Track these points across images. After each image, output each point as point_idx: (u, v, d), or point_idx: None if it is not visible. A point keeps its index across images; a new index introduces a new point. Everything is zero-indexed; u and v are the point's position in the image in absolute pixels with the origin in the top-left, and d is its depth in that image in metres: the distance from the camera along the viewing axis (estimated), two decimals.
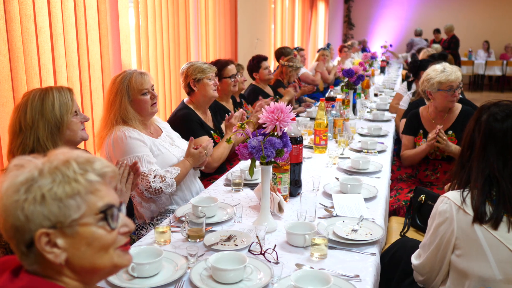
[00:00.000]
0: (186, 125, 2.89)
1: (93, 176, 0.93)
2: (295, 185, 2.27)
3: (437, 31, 12.09)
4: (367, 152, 3.08)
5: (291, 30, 8.69)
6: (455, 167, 1.64)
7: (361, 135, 3.62)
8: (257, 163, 1.82)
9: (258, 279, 1.50)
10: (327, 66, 7.72)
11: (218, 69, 3.16)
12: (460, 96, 3.00)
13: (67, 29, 2.66)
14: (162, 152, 2.40)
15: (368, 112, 4.55)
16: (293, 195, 2.25)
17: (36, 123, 1.80)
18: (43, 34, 2.47)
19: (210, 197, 2.14)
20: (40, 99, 1.82)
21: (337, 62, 8.81)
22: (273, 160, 1.79)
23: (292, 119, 1.75)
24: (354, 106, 4.33)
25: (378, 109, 4.78)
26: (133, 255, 1.13)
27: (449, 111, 3.00)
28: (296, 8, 9.05)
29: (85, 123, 2.00)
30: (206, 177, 2.96)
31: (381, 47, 12.21)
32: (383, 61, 9.21)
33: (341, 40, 14.65)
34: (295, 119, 1.81)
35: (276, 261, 1.61)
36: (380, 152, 3.10)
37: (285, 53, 5.69)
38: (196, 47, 4.57)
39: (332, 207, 2.13)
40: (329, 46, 9.24)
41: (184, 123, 2.90)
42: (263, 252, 1.64)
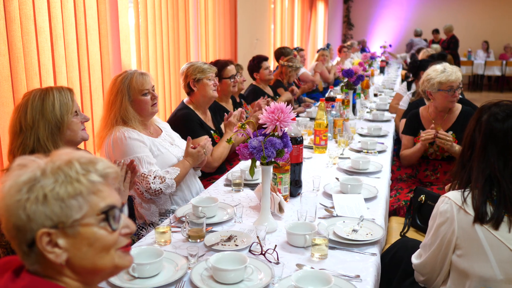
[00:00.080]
0: (186, 125, 2.89)
1: (96, 176, 0.94)
2: (295, 185, 2.27)
3: (436, 31, 12.10)
4: (367, 152, 3.08)
5: (290, 30, 8.69)
6: (456, 167, 1.64)
7: (361, 135, 3.62)
8: (257, 163, 1.82)
9: (259, 280, 1.50)
10: (326, 66, 7.73)
11: (217, 69, 3.16)
12: (460, 96, 3.00)
13: (67, 29, 2.66)
14: (162, 152, 2.40)
15: (368, 112, 4.55)
16: (293, 195, 2.25)
17: (37, 123, 1.80)
18: (43, 35, 2.46)
19: (210, 197, 2.14)
20: (40, 99, 1.82)
21: (336, 62, 8.80)
22: (273, 160, 1.79)
23: (292, 119, 1.75)
24: (354, 106, 4.33)
25: (377, 109, 4.78)
26: (134, 255, 1.13)
27: (449, 112, 3.00)
28: (296, 8, 9.05)
29: (85, 123, 2.00)
30: (206, 177, 2.96)
31: (381, 47, 12.21)
32: (382, 61, 9.22)
33: (341, 40, 14.65)
34: (295, 119, 1.80)
35: (277, 261, 1.61)
36: (380, 152, 3.10)
37: (284, 53, 5.69)
38: (196, 47, 4.57)
39: (332, 207, 2.13)
40: (328, 46, 9.24)
41: (184, 123, 2.90)
42: (263, 252, 1.64)
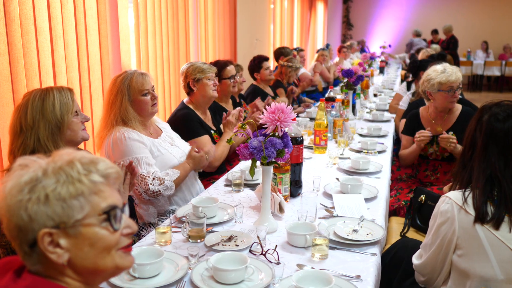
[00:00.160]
0: (186, 125, 2.88)
1: (97, 177, 0.93)
2: (295, 185, 2.27)
3: (435, 31, 12.11)
4: (367, 153, 3.08)
5: (290, 30, 8.70)
6: (456, 167, 1.64)
7: (361, 135, 3.62)
8: (257, 163, 1.82)
9: (259, 280, 1.50)
10: (326, 66, 7.73)
11: (217, 69, 3.16)
12: (460, 96, 3.00)
13: (67, 29, 2.66)
14: (162, 152, 2.39)
15: (368, 112, 4.55)
16: (293, 196, 2.25)
17: (37, 123, 1.80)
18: (42, 35, 2.46)
19: (210, 197, 2.14)
20: (40, 99, 1.82)
21: (335, 62, 8.80)
22: (274, 160, 1.79)
23: (292, 119, 1.75)
24: (354, 107, 4.33)
25: (377, 110, 4.78)
26: (134, 255, 1.13)
27: (449, 112, 2.99)
28: (295, 9, 9.05)
29: (85, 123, 2.00)
30: (206, 177, 2.96)
31: (380, 47, 12.21)
32: (382, 62, 9.22)
33: (340, 40, 14.65)
34: (296, 119, 1.81)
35: (277, 262, 1.61)
36: (380, 152, 3.10)
37: (284, 53, 5.70)
38: (196, 47, 4.57)
39: (332, 208, 2.13)
40: (328, 46, 9.25)
41: (184, 123, 2.90)
42: (264, 253, 1.64)
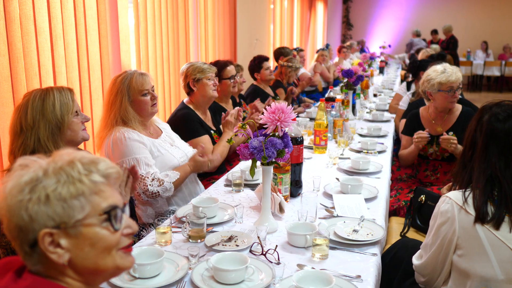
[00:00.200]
0: (186, 125, 2.88)
1: (98, 177, 0.93)
2: (295, 185, 2.27)
3: (434, 32, 12.11)
4: (367, 153, 3.08)
5: (290, 30, 8.70)
6: (457, 167, 1.64)
7: (361, 135, 3.62)
8: (258, 163, 1.82)
9: (260, 280, 1.50)
10: (326, 66, 7.73)
11: (217, 70, 3.16)
12: (460, 96, 3.00)
13: (67, 29, 2.66)
14: (162, 153, 2.39)
15: (368, 112, 4.55)
16: (293, 196, 2.25)
17: (37, 123, 1.79)
18: (42, 35, 2.46)
19: (210, 197, 2.14)
20: (40, 99, 1.82)
21: (335, 62, 8.80)
22: (274, 160, 1.79)
23: (293, 119, 1.75)
24: (354, 107, 4.33)
25: (377, 110, 4.78)
26: (134, 255, 1.13)
27: (449, 112, 2.99)
28: (295, 9, 9.05)
29: (85, 123, 2.00)
30: (206, 177, 2.95)
31: (380, 47, 12.21)
32: (382, 62, 9.21)
33: (340, 40, 14.66)
34: (296, 119, 1.80)
35: (278, 262, 1.61)
36: (380, 152, 3.10)
37: (284, 53, 5.70)
38: (196, 47, 4.57)
39: (332, 208, 2.13)
40: (328, 46, 9.25)
41: (184, 123, 2.90)
42: (264, 253, 1.64)
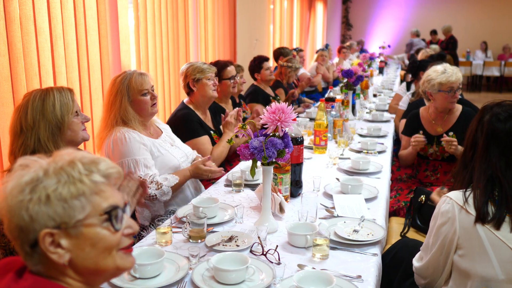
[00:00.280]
0: (186, 125, 2.88)
1: (98, 177, 0.93)
2: (295, 185, 2.27)
3: (433, 32, 12.11)
4: (367, 153, 3.08)
5: (289, 30, 8.70)
6: (457, 167, 1.63)
7: (361, 135, 3.62)
8: (258, 163, 1.82)
9: (260, 280, 1.50)
10: (326, 66, 7.73)
11: (217, 70, 3.16)
12: (459, 96, 3.00)
13: (67, 29, 2.66)
14: (162, 153, 2.39)
15: (368, 112, 4.55)
16: (294, 196, 2.25)
17: (37, 123, 1.79)
18: (42, 35, 2.46)
19: (211, 197, 2.14)
20: (40, 99, 1.81)
21: (336, 63, 8.80)
22: (274, 160, 1.79)
23: (293, 119, 1.75)
24: (354, 107, 4.33)
25: (377, 110, 4.78)
26: (135, 256, 1.13)
27: (449, 112, 2.99)
28: (295, 9, 9.05)
29: (85, 123, 2.00)
30: (207, 179, 2.95)
31: (380, 47, 12.21)
32: (381, 62, 9.21)
33: (339, 40, 14.66)
34: (296, 119, 1.80)
35: (278, 262, 1.61)
36: (380, 152, 3.10)
37: (283, 53, 5.70)
38: (195, 48, 4.57)
39: (333, 208, 2.13)
40: (327, 46, 9.25)
41: (184, 123, 2.90)
42: (264, 253, 1.64)
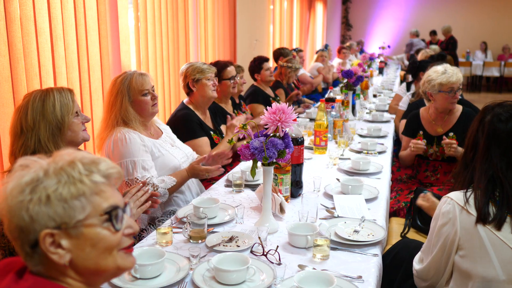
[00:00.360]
0: (185, 125, 2.88)
1: (98, 177, 0.93)
2: (296, 186, 2.27)
3: (433, 32, 12.11)
4: (367, 153, 3.08)
5: (289, 31, 8.70)
6: (458, 167, 1.63)
7: (361, 136, 3.62)
8: (258, 164, 1.82)
9: (261, 280, 1.50)
10: (326, 66, 7.74)
11: (217, 70, 3.16)
12: (459, 97, 3.00)
13: (67, 30, 2.66)
14: (163, 153, 2.39)
15: (368, 113, 4.55)
16: (294, 196, 2.25)
17: (37, 124, 1.79)
18: (43, 35, 2.46)
19: (211, 198, 2.13)
20: (41, 100, 1.81)
21: (337, 64, 8.80)
22: (275, 161, 1.79)
23: (293, 120, 1.75)
24: (354, 107, 4.33)
25: (377, 110, 4.78)
26: (135, 256, 1.13)
27: (449, 113, 2.99)
28: (295, 9, 9.06)
29: (85, 124, 1.99)
30: (207, 178, 2.95)
31: (379, 48, 12.22)
32: (381, 62, 9.21)
33: (339, 41, 14.66)
34: (297, 119, 1.80)
35: (279, 262, 1.61)
36: (380, 153, 3.10)
37: (283, 53, 5.69)
38: (195, 48, 4.57)
39: (333, 208, 2.12)
40: (327, 47, 9.25)
41: (184, 123, 2.90)
42: (265, 253, 1.64)
